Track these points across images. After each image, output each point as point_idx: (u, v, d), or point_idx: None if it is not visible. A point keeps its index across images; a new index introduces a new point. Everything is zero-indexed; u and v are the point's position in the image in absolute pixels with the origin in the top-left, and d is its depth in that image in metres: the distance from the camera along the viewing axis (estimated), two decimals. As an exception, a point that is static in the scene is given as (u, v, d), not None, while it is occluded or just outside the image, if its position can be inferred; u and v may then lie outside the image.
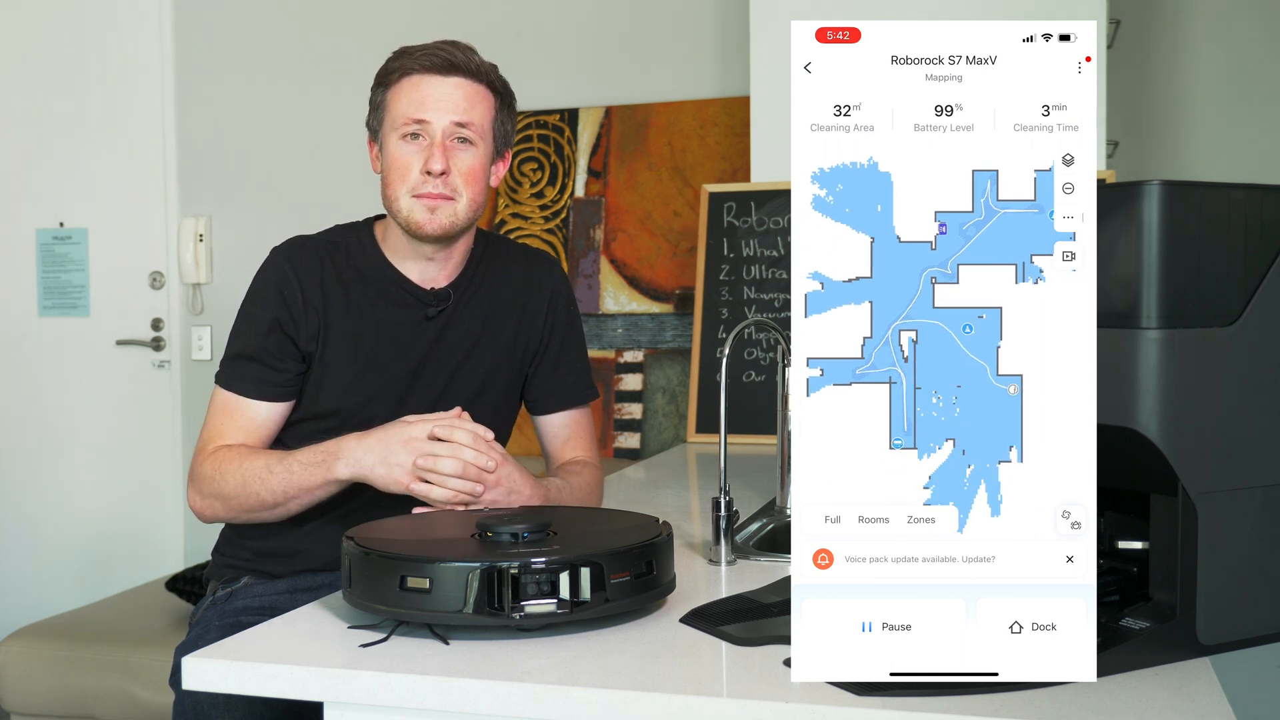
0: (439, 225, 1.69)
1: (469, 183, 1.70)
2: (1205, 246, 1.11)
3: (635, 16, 3.38)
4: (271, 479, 1.62)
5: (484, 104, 1.72)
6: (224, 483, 1.65)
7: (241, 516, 1.68)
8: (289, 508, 1.65)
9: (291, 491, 1.62)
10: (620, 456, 3.25)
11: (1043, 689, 1.04)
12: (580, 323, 1.92)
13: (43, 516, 3.83)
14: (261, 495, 1.63)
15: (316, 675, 1.14)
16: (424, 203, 1.68)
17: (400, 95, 1.70)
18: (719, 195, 2.97)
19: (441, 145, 1.68)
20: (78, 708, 2.53)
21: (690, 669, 1.15)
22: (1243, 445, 1.14)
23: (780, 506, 1.88)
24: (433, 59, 1.69)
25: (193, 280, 3.72)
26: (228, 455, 1.67)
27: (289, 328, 1.72)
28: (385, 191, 1.72)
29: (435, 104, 1.68)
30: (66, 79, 3.78)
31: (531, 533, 1.30)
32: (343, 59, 3.57)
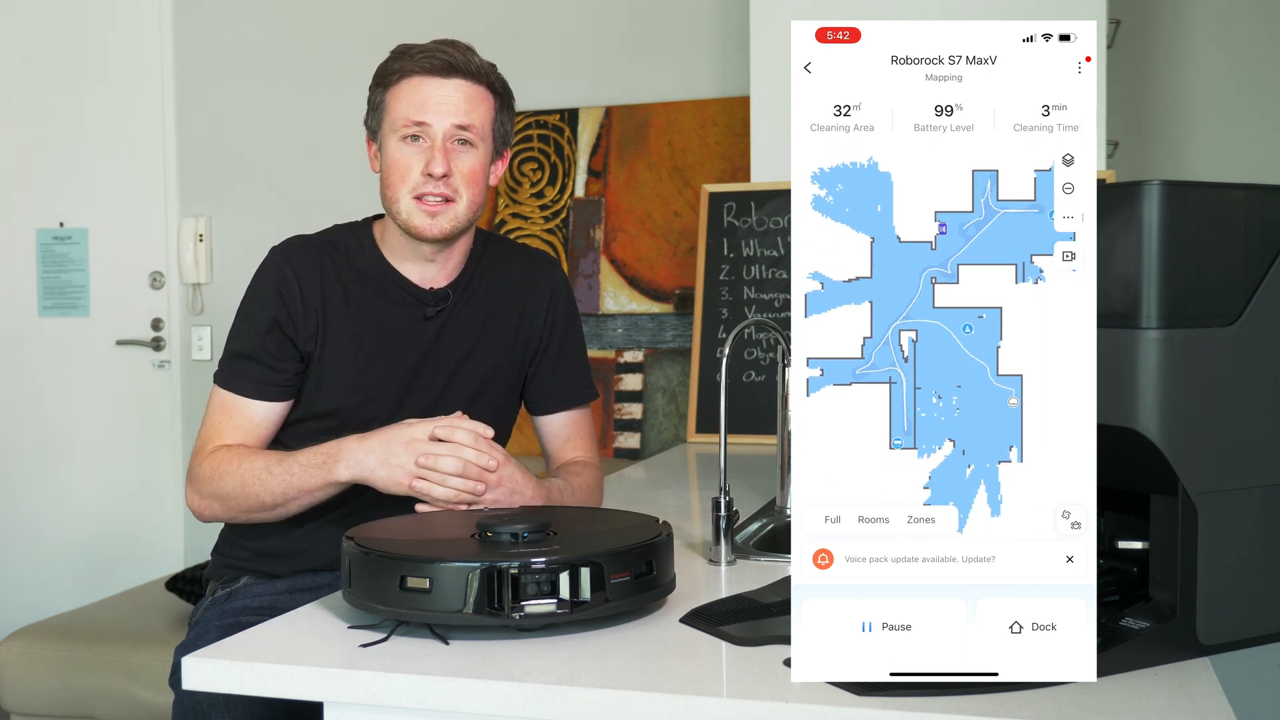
0: (440, 229, 1.69)
1: (469, 184, 1.70)
2: (1205, 246, 1.11)
3: (635, 16, 3.38)
4: (271, 480, 1.62)
5: (484, 105, 1.72)
6: (223, 483, 1.65)
7: (240, 517, 1.68)
8: (288, 509, 1.65)
9: (291, 493, 1.62)
10: (620, 456, 3.25)
11: (1043, 689, 1.04)
12: (580, 323, 1.92)
13: (43, 516, 3.83)
14: (261, 496, 1.63)
15: (316, 675, 1.14)
16: (424, 207, 1.68)
17: (400, 97, 1.70)
18: (719, 195, 2.97)
19: (442, 148, 1.68)
20: (78, 708, 2.52)
21: (690, 669, 1.15)
22: (1243, 445, 1.14)
23: (780, 506, 1.88)
24: (432, 61, 1.68)
25: (193, 280, 3.72)
26: (226, 456, 1.67)
27: (287, 328, 1.72)
28: (385, 192, 1.72)
29: (436, 106, 1.68)
30: (66, 79, 3.78)
31: (531, 533, 1.30)
32: (343, 59, 3.57)
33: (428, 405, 1.75)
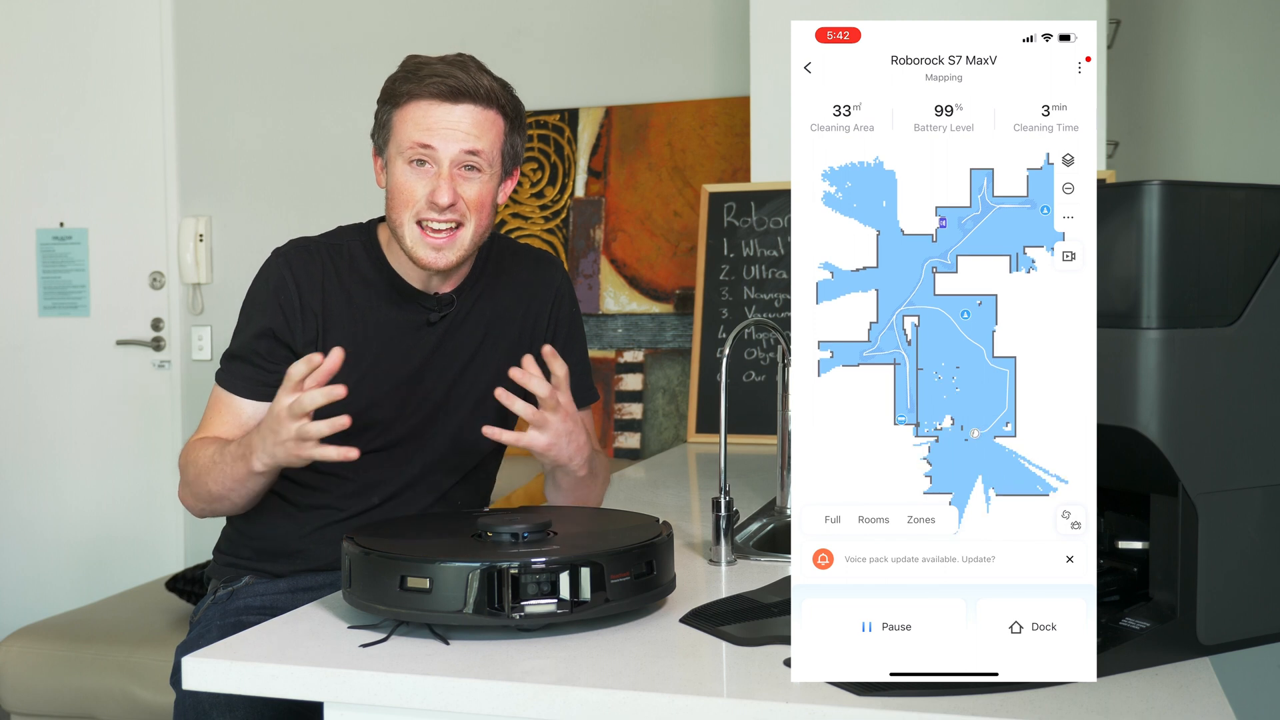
0: (445, 262, 1.68)
1: (476, 210, 1.68)
2: (1205, 246, 1.11)
3: (635, 16, 3.38)
4: (214, 470, 1.62)
5: (493, 130, 1.69)
6: (187, 471, 1.67)
7: (206, 508, 1.69)
8: (234, 500, 1.64)
9: (228, 484, 1.62)
10: (620, 456, 3.25)
11: (1043, 689, 1.04)
12: (582, 324, 1.92)
13: (43, 516, 3.83)
14: (210, 487, 1.64)
15: (317, 675, 1.14)
16: (430, 240, 1.66)
17: (406, 119, 1.66)
18: (719, 195, 2.97)
19: (449, 175, 1.65)
20: (78, 708, 2.53)
21: (690, 669, 1.15)
22: (1243, 445, 1.14)
23: (780, 506, 1.88)
24: (440, 86, 1.64)
25: (193, 280, 3.72)
26: (199, 446, 1.67)
27: (283, 334, 1.71)
28: (390, 215, 1.69)
29: (443, 133, 1.65)
30: (67, 79, 3.78)
31: (531, 533, 1.30)
32: (343, 59, 3.57)
33: (429, 410, 1.75)
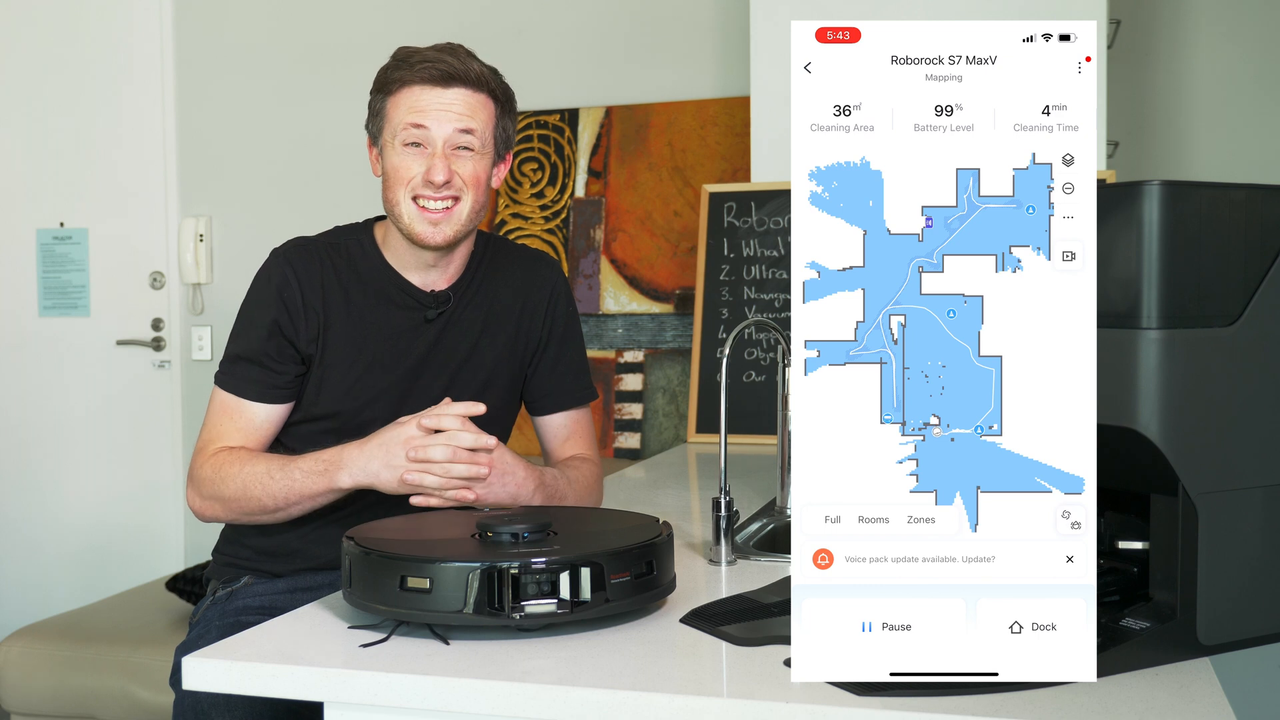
0: (443, 237, 1.70)
1: (472, 186, 1.71)
2: (1205, 246, 1.11)
3: (635, 16, 3.38)
4: (272, 485, 1.62)
5: (484, 112, 1.72)
6: (224, 486, 1.65)
7: (241, 519, 1.69)
8: (290, 512, 1.65)
9: (293, 498, 1.62)
10: (620, 456, 3.25)
11: (1043, 689, 1.04)
12: (579, 323, 1.92)
13: (43, 516, 3.83)
14: (262, 500, 1.63)
15: (316, 675, 1.14)
16: (427, 215, 1.69)
17: (400, 104, 1.70)
18: (719, 195, 2.97)
19: (443, 155, 1.68)
20: (78, 708, 2.53)
21: (690, 669, 1.15)
22: (1243, 445, 1.14)
23: (780, 506, 1.88)
24: (432, 71, 1.68)
25: (193, 280, 3.72)
26: (228, 458, 1.67)
27: (288, 331, 1.72)
28: (386, 196, 1.72)
29: (436, 114, 1.68)
30: (67, 79, 3.78)
31: (531, 533, 1.30)
32: (343, 58, 3.57)
33: (427, 407, 1.75)
